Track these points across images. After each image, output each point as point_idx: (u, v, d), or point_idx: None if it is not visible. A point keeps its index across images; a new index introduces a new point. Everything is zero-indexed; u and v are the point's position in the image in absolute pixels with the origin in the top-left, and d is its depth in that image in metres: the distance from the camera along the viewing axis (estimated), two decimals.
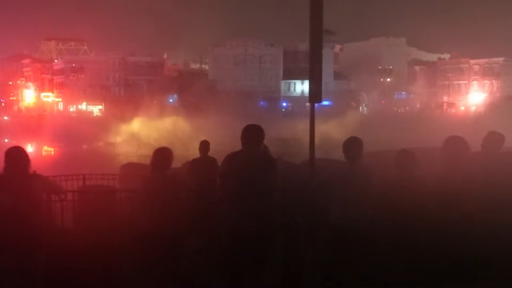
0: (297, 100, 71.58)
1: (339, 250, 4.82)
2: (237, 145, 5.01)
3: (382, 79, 77.98)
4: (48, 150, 41.30)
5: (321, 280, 5.15)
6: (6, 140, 32.81)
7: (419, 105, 74.28)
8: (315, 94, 7.04)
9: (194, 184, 6.90)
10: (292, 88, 77.99)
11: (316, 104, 7.22)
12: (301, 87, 74.45)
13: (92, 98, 73.55)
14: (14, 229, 4.53)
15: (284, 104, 75.14)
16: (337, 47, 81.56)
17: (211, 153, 7.91)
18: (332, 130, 41.97)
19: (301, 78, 71.43)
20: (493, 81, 72.83)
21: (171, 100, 68.05)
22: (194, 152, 8.33)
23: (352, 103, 69.40)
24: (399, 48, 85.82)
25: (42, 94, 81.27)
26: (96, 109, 74.34)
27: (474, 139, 5.13)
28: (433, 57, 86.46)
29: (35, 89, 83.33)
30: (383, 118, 53.61)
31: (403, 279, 4.55)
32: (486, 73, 73.98)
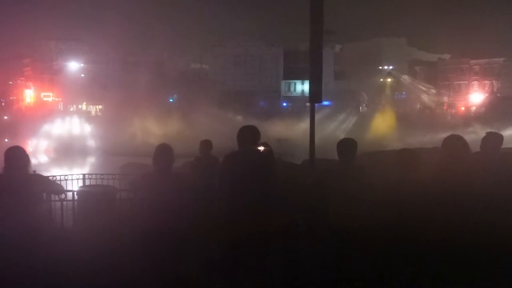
0: (297, 100, 71.59)
1: (339, 250, 4.83)
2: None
3: (382, 79, 77.89)
4: (48, 150, 41.27)
5: (321, 281, 5.16)
6: (6, 140, 32.79)
7: (419, 105, 74.23)
8: (315, 94, 7.06)
9: (198, 182, 6.89)
10: (292, 88, 77.99)
11: (316, 104, 7.25)
12: (301, 87, 74.45)
13: (92, 98, 73.55)
14: (14, 229, 4.53)
15: (284, 104, 75.14)
16: (337, 47, 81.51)
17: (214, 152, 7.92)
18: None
19: (301, 78, 71.44)
20: (493, 81, 72.73)
21: (171, 100, 68.07)
22: (194, 151, 8.33)
23: (352, 103, 69.39)
24: (399, 48, 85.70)
25: (42, 94, 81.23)
26: (95, 109, 74.36)
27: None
28: (433, 57, 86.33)
29: (35, 88, 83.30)
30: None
31: (404, 279, 4.55)
32: (487, 73, 73.85)
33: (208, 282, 5.46)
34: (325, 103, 49.91)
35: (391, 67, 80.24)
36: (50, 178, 6.90)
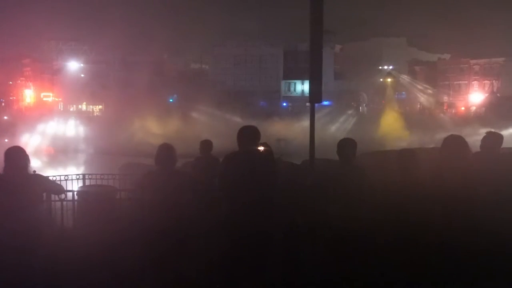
0: (297, 100, 71.58)
1: (339, 250, 4.82)
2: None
3: (382, 79, 77.90)
4: (47, 150, 41.26)
5: (321, 281, 5.15)
6: (6, 140, 32.79)
7: (419, 105, 74.27)
8: (315, 94, 7.07)
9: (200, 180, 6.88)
10: (292, 88, 77.97)
11: (316, 104, 7.25)
12: (301, 87, 74.43)
13: (92, 98, 73.57)
14: (14, 229, 4.53)
15: (284, 104, 75.15)
16: (337, 47, 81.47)
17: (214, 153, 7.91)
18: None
19: (301, 78, 71.42)
20: (493, 81, 72.72)
21: (171, 100, 68.09)
22: (194, 151, 8.33)
23: (352, 103, 69.44)
24: (399, 48, 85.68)
25: (42, 94, 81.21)
26: (95, 109, 74.45)
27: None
28: (433, 57, 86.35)
29: (35, 88, 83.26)
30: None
31: (403, 280, 4.55)
32: (486, 73, 73.86)
33: (208, 282, 5.46)
34: (325, 103, 49.92)
35: (391, 67, 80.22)
36: (50, 178, 6.89)
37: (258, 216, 4.76)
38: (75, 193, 6.80)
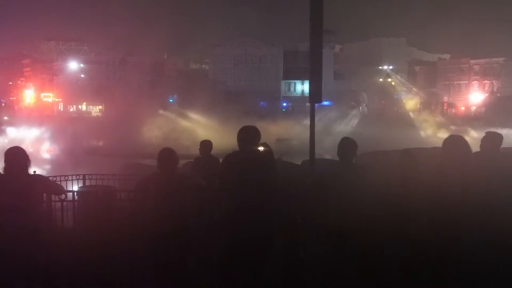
0: (297, 100, 71.60)
1: (339, 250, 4.83)
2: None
3: (382, 79, 77.91)
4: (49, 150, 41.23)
5: (321, 281, 5.16)
6: (6, 141, 32.78)
7: (419, 105, 74.26)
8: (315, 94, 7.07)
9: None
10: (292, 88, 77.99)
11: (316, 104, 7.25)
12: (301, 87, 74.46)
13: (92, 98, 73.58)
14: (14, 229, 4.53)
15: (284, 104, 75.17)
16: (337, 47, 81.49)
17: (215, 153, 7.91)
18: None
19: (301, 78, 71.43)
20: (493, 81, 72.72)
21: (171, 100, 68.10)
22: (194, 152, 8.34)
23: (352, 103, 69.41)
24: (399, 48, 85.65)
25: (42, 94, 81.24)
26: (96, 109, 74.51)
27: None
28: (433, 57, 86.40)
29: (35, 89, 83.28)
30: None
31: (403, 280, 4.55)
32: (487, 73, 73.86)
33: (209, 282, 5.46)
34: (325, 103, 49.91)
35: (391, 67, 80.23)
36: (50, 178, 6.89)
37: (258, 216, 4.76)
38: (75, 193, 6.80)
